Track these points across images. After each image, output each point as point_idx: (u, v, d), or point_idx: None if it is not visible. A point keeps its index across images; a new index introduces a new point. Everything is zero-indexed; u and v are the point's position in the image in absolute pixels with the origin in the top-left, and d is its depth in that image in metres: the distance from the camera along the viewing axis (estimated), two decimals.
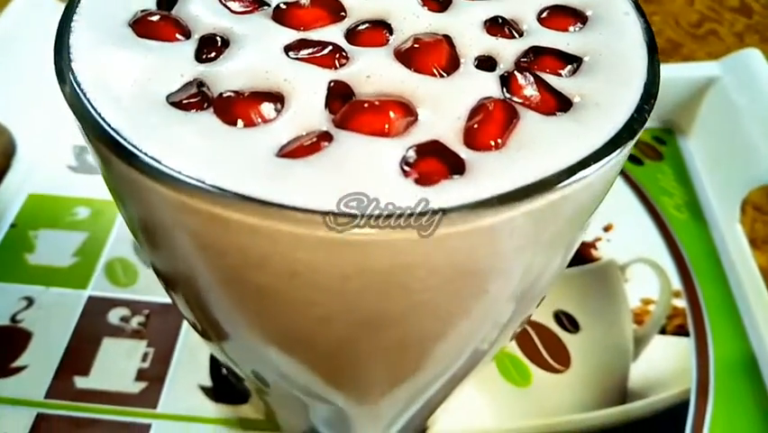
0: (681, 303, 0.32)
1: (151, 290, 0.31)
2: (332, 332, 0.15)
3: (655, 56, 0.15)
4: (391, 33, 0.16)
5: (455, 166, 0.13)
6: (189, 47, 0.15)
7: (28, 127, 0.36)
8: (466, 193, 0.12)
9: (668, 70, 0.40)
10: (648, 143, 0.40)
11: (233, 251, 0.13)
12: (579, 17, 0.17)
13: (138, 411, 0.27)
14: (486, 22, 0.16)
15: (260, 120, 0.13)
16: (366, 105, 0.13)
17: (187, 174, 0.12)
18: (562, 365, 0.30)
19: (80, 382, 0.28)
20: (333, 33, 0.16)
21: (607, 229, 0.35)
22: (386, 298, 0.13)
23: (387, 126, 0.13)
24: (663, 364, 0.30)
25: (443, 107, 0.14)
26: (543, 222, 0.13)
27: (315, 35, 0.15)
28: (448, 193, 0.12)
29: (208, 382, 0.28)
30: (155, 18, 0.16)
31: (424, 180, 0.12)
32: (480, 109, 0.14)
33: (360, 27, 0.16)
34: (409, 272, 0.13)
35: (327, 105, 0.14)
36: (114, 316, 0.30)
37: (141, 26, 0.15)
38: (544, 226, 0.13)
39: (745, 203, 0.38)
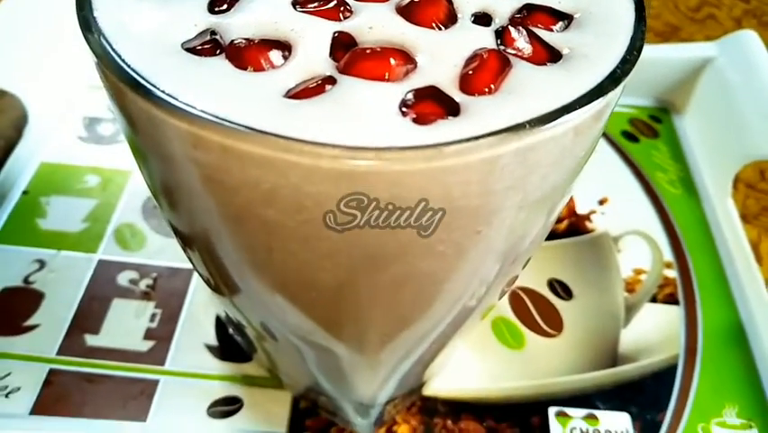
0: (672, 273, 0.33)
1: (159, 255, 0.32)
2: (335, 269, 0.16)
3: (642, 13, 0.16)
4: None
5: (451, 108, 0.14)
6: (202, 1, 0.16)
7: (40, 99, 0.37)
8: (460, 131, 0.13)
9: (665, 51, 0.42)
10: (644, 121, 0.41)
11: (243, 187, 0.14)
12: None
13: (147, 368, 0.28)
14: None
15: (268, 66, 0.14)
16: (368, 51, 0.14)
17: (201, 108, 0.13)
18: (555, 330, 0.31)
19: (91, 340, 0.29)
20: None
21: (602, 202, 0.36)
22: (386, 232, 0.14)
23: (387, 72, 0.14)
24: (653, 331, 0.31)
25: (441, 56, 0.15)
26: (530, 163, 0.14)
27: None
28: (443, 131, 0.13)
29: (214, 342, 0.30)
30: None
31: (421, 120, 0.13)
32: (475, 58, 0.15)
33: None
34: (410, 212, 0.14)
35: (332, 53, 0.15)
36: (123, 278, 0.31)
37: None
38: (531, 168, 0.14)
39: (738, 180, 0.39)
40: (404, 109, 0.14)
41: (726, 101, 0.39)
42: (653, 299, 0.32)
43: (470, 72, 0.14)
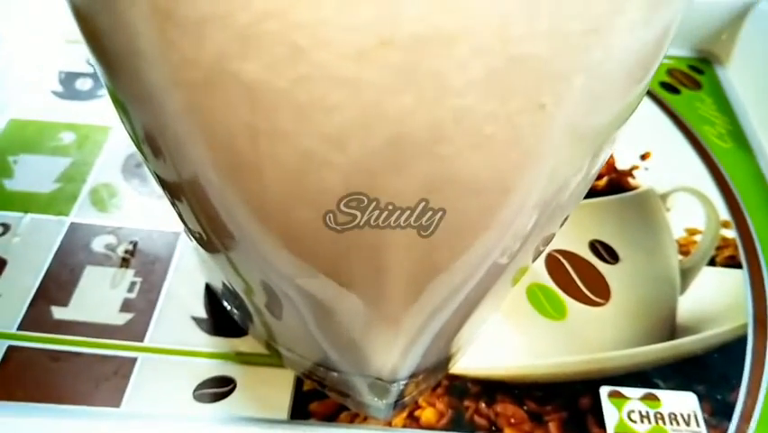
0: (730, 234, 0.29)
1: (140, 218, 0.28)
2: (348, 164, 0.11)
3: None
4: None
5: None
6: None
7: (11, 51, 0.33)
8: None
9: None
10: (684, 72, 0.37)
11: (212, 21, 0.10)
12: None
13: (123, 345, 0.24)
14: None
15: None
16: None
17: None
18: (602, 298, 0.26)
19: (58, 313, 0.25)
20: None
21: (644, 157, 0.32)
22: (413, 96, 0.10)
23: None
24: (715, 298, 0.27)
25: None
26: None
27: None
28: None
29: (202, 314, 0.25)
30: None
31: None
32: None
33: None
34: (447, 50, 0.09)
35: None
36: (99, 243, 0.27)
37: None
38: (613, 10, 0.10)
39: None
40: None
41: None
42: (712, 263, 0.28)
43: None
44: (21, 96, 0.33)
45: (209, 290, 0.26)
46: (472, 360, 0.24)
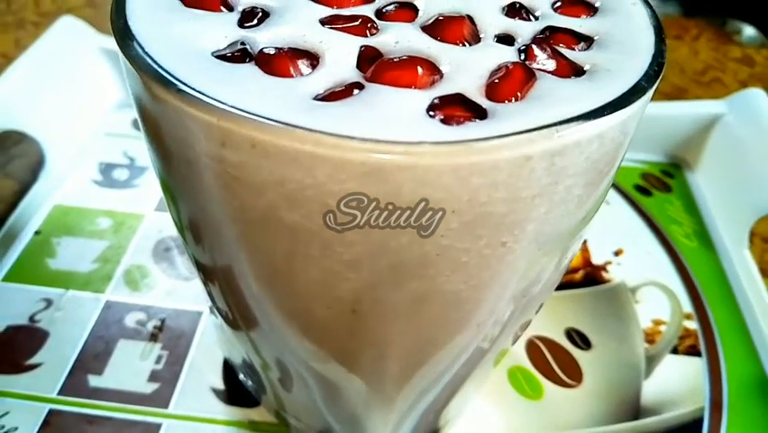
0: (692, 325, 0.33)
1: (168, 297, 0.32)
2: (356, 278, 0.15)
3: (662, 36, 0.17)
4: (417, 13, 0.17)
5: (479, 112, 0.14)
6: (232, 17, 0.16)
7: (58, 144, 0.38)
8: (489, 131, 0.13)
9: (675, 108, 0.42)
10: (656, 176, 0.41)
11: (270, 187, 0.14)
12: (589, 7, 0.18)
13: (149, 411, 0.27)
14: (504, 7, 0.18)
15: (297, 73, 0.15)
16: (395, 60, 0.15)
17: (232, 104, 0.13)
18: (574, 380, 0.30)
19: (94, 381, 0.28)
20: (365, 11, 0.17)
21: (617, 253, 0.36)
22: (409, 239, 0.14)
23: (414, 80, 0.14)
24: (676, 382, 0.30)
25: (466, 67, 0.15)
26: (557, 170, 0.14)
27: (347, 12, 0.17)
28: (472, 130, 0.13)
29: (221, 386, 0.29)
30: None
31: (449, 120, 0.13)
32: (500, 69, 0.15)
33: (389, 7, 0.17)
34: (433, 209, 0.13)
35: (358, 64, 0.15)
36: (131, 319, 0.31)
37: None
38: (557, 177, 0.14)
39: (754, 235, 0.38)
40: (431, 112, 0.14)
41: (737, 157, 0.39)
42: (675, 351, 0.31)
43: (497, 81, 0.14)
44: (64, 184, 0.37)
45: (227, 364, 0.29)
46: None
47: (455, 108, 0.14)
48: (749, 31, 1.21)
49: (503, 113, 0.14)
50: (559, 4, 0.18)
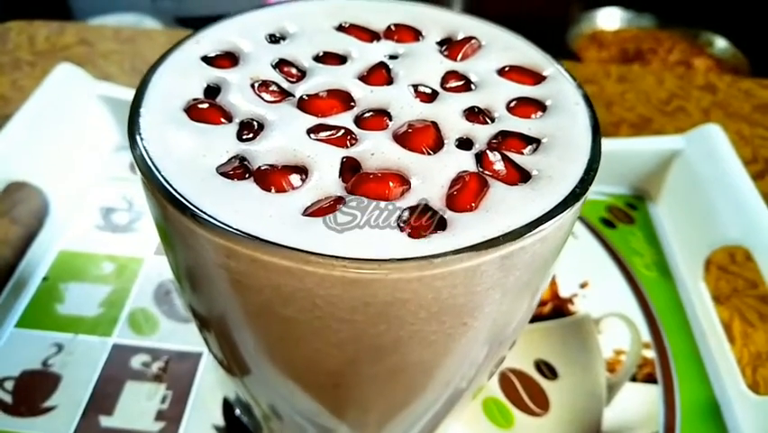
0: (650, 354, 0.36)
1: (171, 339, 0.34)
2: (341, 356, 0.18)
3: (598, 136, 0.20)
4: (390, 120, 0.20)
5: (439, 223, 0.17)
6: (231, 129, 0.19)
7: (60, 190, 0.40)
8: (447, 243, 0.16)
9: (638, 144, 0.46)
10: (620, 209, 0.45)
11: (267, 289, 0.16)
12: (540, 106, 0.21)
13: None
14: (465, 110, 0.21)
15: (289, 187, 0.17)
16: (371, 176, 0.17)
17: (236, 227, 0.16)
18: (542, 409, 0.33)
19: (105, 421, 0.31)
20: (345, 119, 0.20)
21: (583, 286, 0.39)
22: (385, 327, 0.17)
23: (387, 192, 0.17)
24: (634, 409, 0.33)
25: (430, 178, 0.18)
26: (507, 267, 0.17)
27: (330, 120, 0.20)
28: (434, 244, 0.16)
29: (221, 422, 0.31)
30: (204, 106, 0.20)
31: (415, 234, 0.16)
32: (458, 180, 0.18)
33: (366, 114, 0.20)
34: (404, 306, 0.16)
35: (341, 175, 0.18)
36: (137, 361, 0.33)
37: (193, 112, 0.19)
38: (508, 271, 0.17)
39: (710, 263, 0.42)
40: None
41: (696, 190, 0.42)
42: (633, 379, 0.35)
43: (455, 193, 0.17)
44: (68, 229, 0.40)
45: (226, 402, 0.32)
46: None
47: (420, 217, 0.17)
48: (721, 42, 1.26)
49: (459, 224, 0.17)
50: (513, 104, 0.21)
